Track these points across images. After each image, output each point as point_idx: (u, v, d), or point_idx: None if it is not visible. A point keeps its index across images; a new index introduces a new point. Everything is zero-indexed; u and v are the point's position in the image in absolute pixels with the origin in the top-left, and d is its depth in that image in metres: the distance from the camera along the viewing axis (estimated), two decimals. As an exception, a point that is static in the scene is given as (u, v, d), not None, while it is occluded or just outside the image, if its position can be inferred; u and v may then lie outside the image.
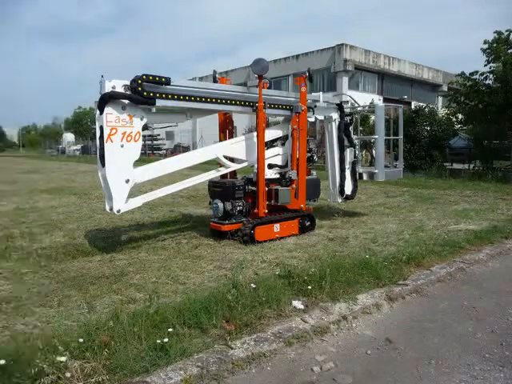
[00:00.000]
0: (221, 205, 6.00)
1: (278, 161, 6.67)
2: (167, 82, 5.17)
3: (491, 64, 16.23)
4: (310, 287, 3.94)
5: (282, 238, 6.18)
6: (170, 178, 6.47)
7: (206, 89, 5.67)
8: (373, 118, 11.16)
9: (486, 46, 16.12)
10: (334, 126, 7.49)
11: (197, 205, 9.56)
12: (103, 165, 4.96)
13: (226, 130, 6.63)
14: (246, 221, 6.00)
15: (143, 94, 4.96)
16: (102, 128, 4.90)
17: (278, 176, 6.56)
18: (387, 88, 34.94)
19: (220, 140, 6.58)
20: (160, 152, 40.91)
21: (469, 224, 7.41)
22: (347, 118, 7.60)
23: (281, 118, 7.05)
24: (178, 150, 35.42)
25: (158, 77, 5.10)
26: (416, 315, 3.80)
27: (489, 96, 16.09)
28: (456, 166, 19.30)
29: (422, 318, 3.74)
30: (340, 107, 7.46)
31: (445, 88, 35.67)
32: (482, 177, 15.12)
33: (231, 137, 6.64)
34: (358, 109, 8.97)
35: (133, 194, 5.47)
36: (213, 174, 6.17)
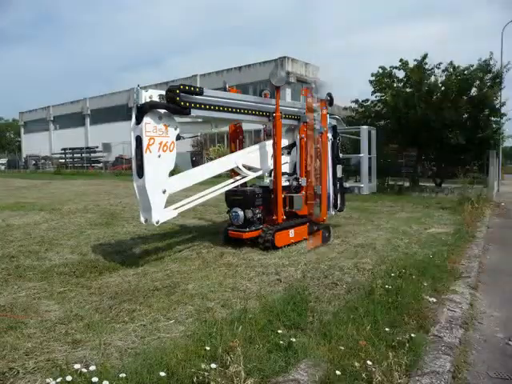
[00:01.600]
0: (241, 213, 6.08)
1: (286, 169, 6.92)
2: (200, 91, 5.24)
3: (377, 94, 18.98)
4: (425, 284, 4.36)
5: (296, 242, 6.39)
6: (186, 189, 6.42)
7: (232, 99, 5.80)
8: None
9: (373, 78, 18.78)
10: (329, 144, 7.91)
11: (183, 216, 9.38)
12: (140, 175, 4.84)
13: (237, 139, 6.77)
14: (266, 227, 6.12)
15: (180, 103, 4.96)
16: (138, 138, 4.81)
17: (287, 183, 6.79)
18: (324, 100, 36.75)
19: (230, 150, 6.72)
20: (99, 165, 38.66)
21: (436, 228, 8.35)
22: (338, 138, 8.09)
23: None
24: (121, 162, 33.93)
25: (193, 87, 5.18)
26: (506, 297, 4.57)
27: (380, 120, 18.73)
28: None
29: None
30: (334, 128, 7.89)
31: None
32: (383, 191, 16.62)
33: (241, 146, 6.78)
34: (347, 130, 9.63)
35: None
36: (236, 183, 6.27)
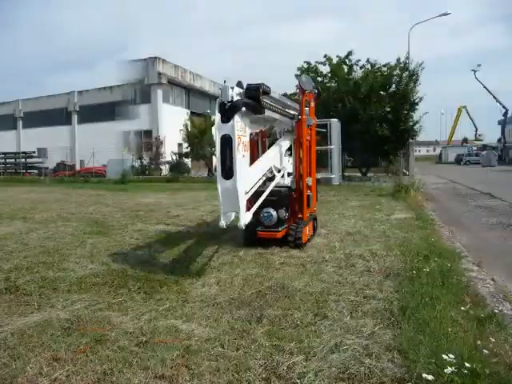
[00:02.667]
0: (274, 213, 6.11)
1: (291, 168, 7.14)
2: (269, 91, 5.31)
3: None
4: (449, 265, 4.80)
5: (309, 238, 6.69)
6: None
7: (282, 101, 6.09)
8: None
9: (299, 73, 20.71)
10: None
11: (151, 225, 8.82)
12: (227, 177, 4.59)
13: (260, 142, 7.02)
14: (293, 225, 6.26)
15: (261, 103, 4.93)
16: (226, 137, 4.53)
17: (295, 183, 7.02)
18: (193, 102, 37.34)
19: (252, 152, 6.91)
20: (35, 171, 35.59)
21: (397, 214, 9.33)
22: None
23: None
24: (63, 168, 32.58)
25: (267, 87, 5.20)
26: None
27: None
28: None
29: None
30: None
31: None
32: None
33: (264, 148, 6.99)
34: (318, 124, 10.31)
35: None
36: (273, 183, 6.29)
